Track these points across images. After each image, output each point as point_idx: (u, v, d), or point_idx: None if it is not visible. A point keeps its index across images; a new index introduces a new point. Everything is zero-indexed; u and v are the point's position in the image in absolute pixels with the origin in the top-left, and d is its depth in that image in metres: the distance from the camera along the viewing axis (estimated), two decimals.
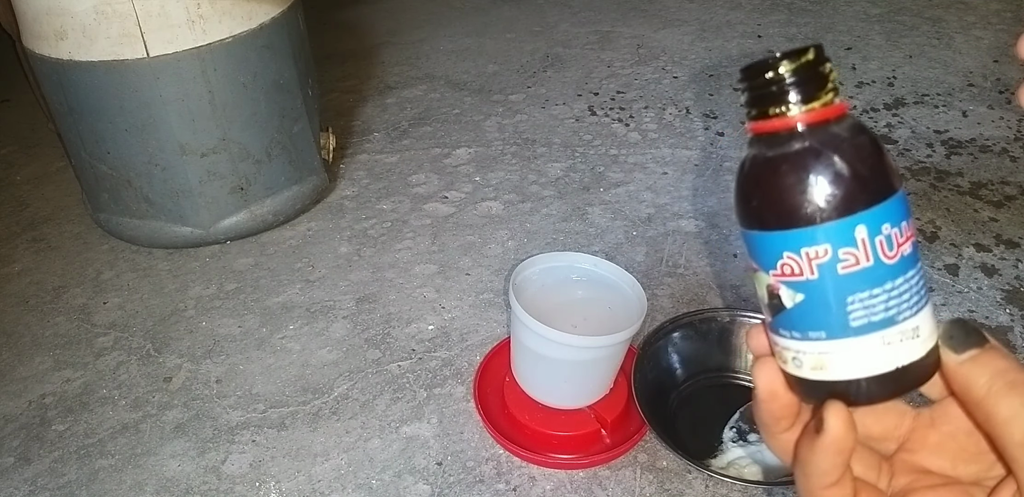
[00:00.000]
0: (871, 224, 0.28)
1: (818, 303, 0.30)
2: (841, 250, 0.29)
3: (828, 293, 0.29)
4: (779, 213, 0.29)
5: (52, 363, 0.98)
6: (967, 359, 0.29)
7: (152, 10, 0.97)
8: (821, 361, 0.31)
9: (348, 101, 1.59)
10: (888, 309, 0.29)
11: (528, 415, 0.81)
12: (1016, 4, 1.87)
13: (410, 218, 1.21)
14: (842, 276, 0.29)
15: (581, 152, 1.37)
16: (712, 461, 0.77)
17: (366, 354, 0.96)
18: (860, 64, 1.63)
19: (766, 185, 0.30)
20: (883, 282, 0.29)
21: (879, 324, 0.29)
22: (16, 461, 0.85)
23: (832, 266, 0.29)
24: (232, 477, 0.81)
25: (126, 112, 1.03)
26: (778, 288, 0.30)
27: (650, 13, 1.97)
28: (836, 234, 0.29)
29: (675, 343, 0.87)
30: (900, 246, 0.29)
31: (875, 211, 0.28)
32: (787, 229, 0.29)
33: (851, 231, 0.28)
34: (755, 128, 0.30)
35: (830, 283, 0.29)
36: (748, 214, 0.30)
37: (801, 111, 0.29)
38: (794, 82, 0.29)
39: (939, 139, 1.35)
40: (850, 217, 0.28)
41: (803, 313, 0.30)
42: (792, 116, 0.29)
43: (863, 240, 0.28)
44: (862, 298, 0.29)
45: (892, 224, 0.29)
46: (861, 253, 0.29)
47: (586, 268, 0.80)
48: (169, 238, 1.16)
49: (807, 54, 0.29)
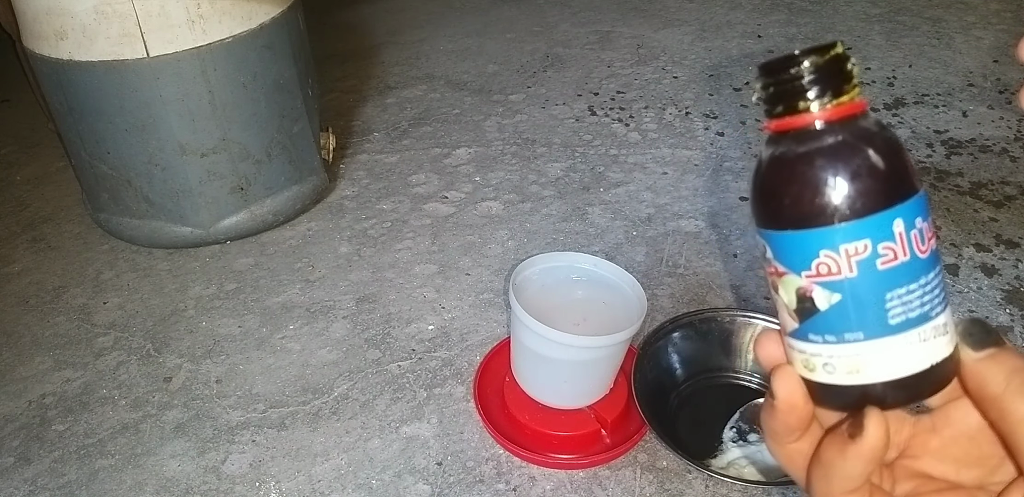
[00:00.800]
0: (907, 217, 0.28)
1: (856, 302, 0.29)
2: (881, 245, 0.28)
3: (867, 291, 0.29)
4: (815, 210, 0.28)
5: (52, 363, 0.98)
6: (985, 356, 0.28)
7: (152, 10, 0.97)
8: (857, 364, 0.30)
9: (348, 101, 1.59)
10: (923, 304, 0.29)
11: (528, 415, 0.81)
12: (1016, 4, 1.87)
13: (410, 218, 1.21)
14: (881, 272, 0.28)
15: (581, 152, 1.37)
16: (712, 461, 0.77)
17: (366, 354, 0.96)
18: (860, 64, 1.63)
19: (799, 182, 0.29)
20: (919, 277, 0.29)
21: (916, 320, 0.29)
22: (16, 461, 0.85)
23: (872, 262, 0.28)
24: (232, 477, 0.81)
25: (126, 112, 1.03)
26: (811, 290, 0.29)
27: (650, 13, 1.97)
28: (876, 228, 0.28)
29: (675, 343, 0.87)
30: (930, 240, 0.29)
31: (909, 204, 0.28)
32: (824, 226, 0.28)
33: (890, 225, 0.28)
34: (781, 125, 0.29)
35: (870, 280, 0.28)
36: (777, 214, 0.30)
37: (833, 105, 0.28)
38: (825, 76, 0.28)
39: (939, 139, 1.35)
40: (888, 210, 0.28)
41: (839, 314, 0.29)
42: (824, 110, 0.28)
43: (900, 234, 0.28)
44: (900, 294, 0.28)
45: (923, 218, 0.28)
46: (899, 247, 0.28)
47: (586, 268, 0.80)
48: (169, 238, 1.16)
49: (835, 48, 0.28)
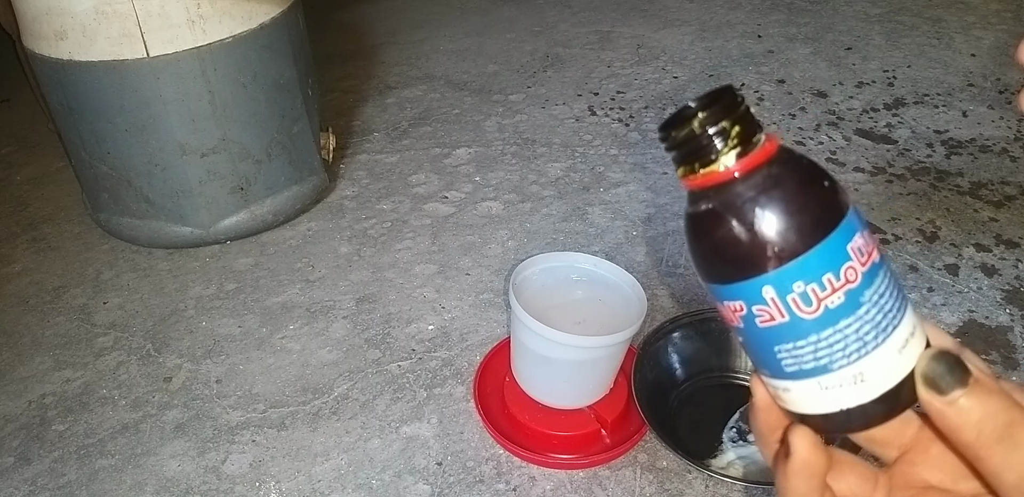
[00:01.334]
0: (778, 285, 0.28)
1: (753, 348, 0.30)
2: (754, 307, 0.29)
3: (756, 341, 0.30)
4: (701, 268, 0.30)
5: (52, 363, 0.98)
6: (952, 400, 0.27)
7: (152, 10, 0.97)
8: (778, 394, 0.31)
9: (348, 101, 1.59)
10: (818, 359, 0.29)
11: (528, 415, 0.81)
12: (1016, 4, 1.87)
13: (410, 218, 1.21)
14: (762, 328, 0.29)
15: (581, 152, 1.37)
16: (712, 461, 0.77)
17: (366, 354, 0.96)
18: (860, 64, 1.63)
19: (689, 241, 0.30)
20: (805, 335, 0.29)
21: (812, 371, 0.29)
22: (16, 461, 0.85)
23: (751, 320, 0.29)
24: (232, 477, 0.81)
25: (126, 112, 1.03)
26: (732, 328, 0.31)
27: (650, 13, 1.97)
28: (746, 293, 0.29)
29: (675, 343, 0.87)
30: (822, 300, 0.28)
31: (783, 272, 0.28)
32: (709, 283, 0.30)
33: (758, 291, 0.29)
34: (683, 178, 0.30)
35: (755, 333, 0.30)
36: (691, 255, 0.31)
37: (698, 175, 0.29)
38: (684, 147, 0.29)
39: (939, 139, 1.35)
40: (756, 279, 0.28)
41: (749, 353, 0.31)
42: (689, 178, 0.29)
43: (772, 299, 0.29)
44: (787, 348, 0.29)
45: (808, 280, 0.28)
46: (774, 310, 0.29)
47: (586, 268, 0.80)
48: (169, 238, 1.16)
49: (686, 122, 0.29)
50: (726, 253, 0.29)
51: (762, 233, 0.28)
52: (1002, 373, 0.87)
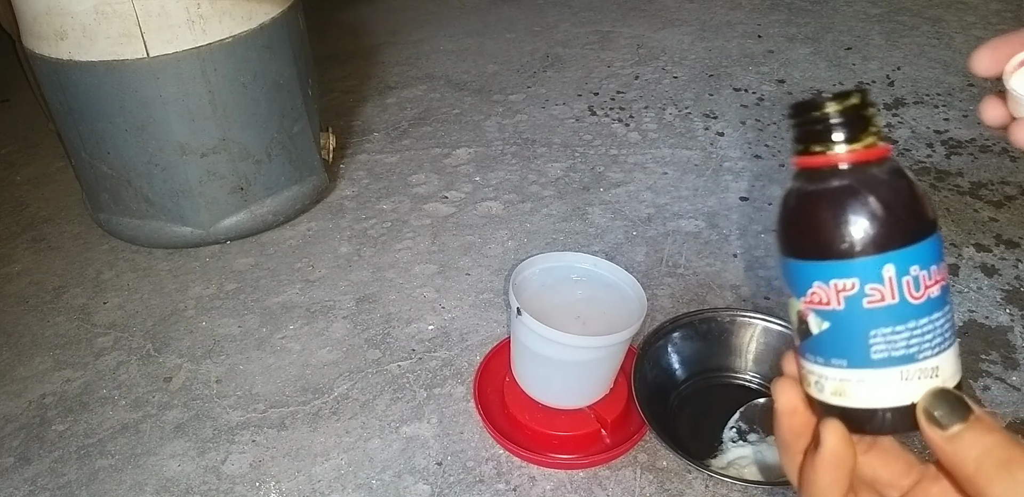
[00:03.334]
0: (900, 264, 0.30)
1: (842, 333, 0.31)
2: (868, 285, 0.30)
3: (852, 324, 0.30)
4: (813, 244, 0.30)
5: (52, 363, 0.98)
6: (954, 435, 0.28)
7: (152, 10, 0.97)
8: (841, 388, 0.32)
9: (348, 101, 1.59)
10: (909, 346, 0.30)
11: (528, 415, 0.81)
12: (1016, 4, 1.87)
13: (410, 218, 1.21)
14: (867, 310, 0.30)
15: (581, 152, 1.37)
16: (712, 461, 0.77)
17: (366, 354, 0.96)
18: (860, 64, 1.63)
19: (803, 217, 0.31)
20: (906, 320, 0.30)
21: (899, 359, 0.30)
22: (16, 461, 0.85)
23: (858, 300, 0.30)
24: (232, 477, 0.81)
25: (126, 112, 1.03)
26: (807, 314, 0.32)
27: (650, 13, 1.97)
28: (864, 270, 0.30)
29: (675, 343, 0.87)
30: (928, 288, 0.30)
31: (905, 252, 0.30)
32: (819, 260, 0.30)
33: (879, 269, 0.30)
34: (799, 163, 0.31)
35: (855, 315, 0.30)
36: (785, 242, 0.32)
37: (844, 151, 0.30)
38: (839, 122, 0.30)
39: (939, 139, 1.35)
40: (879, 255, 0.29)
41: (828, 340, 0.31)
42: (834, 154, 0.30)
43: (890, 278, 0.30)
44: (884, 333, 0.30)
45: (921, 266, 0.30)
46: (887, 290, 0.30)
47: (586, 268, 0.80)
48: (169, 238, 1.16)
49: (853, 97, 0.30)
50: (857, 227, 0.29)
51: (898, 212, 0.29)
52: (1002, 373, 0.87)
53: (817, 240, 0.30)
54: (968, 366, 0.88)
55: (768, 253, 1.08)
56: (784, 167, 1.29)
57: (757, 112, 1.47)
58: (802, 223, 0.31)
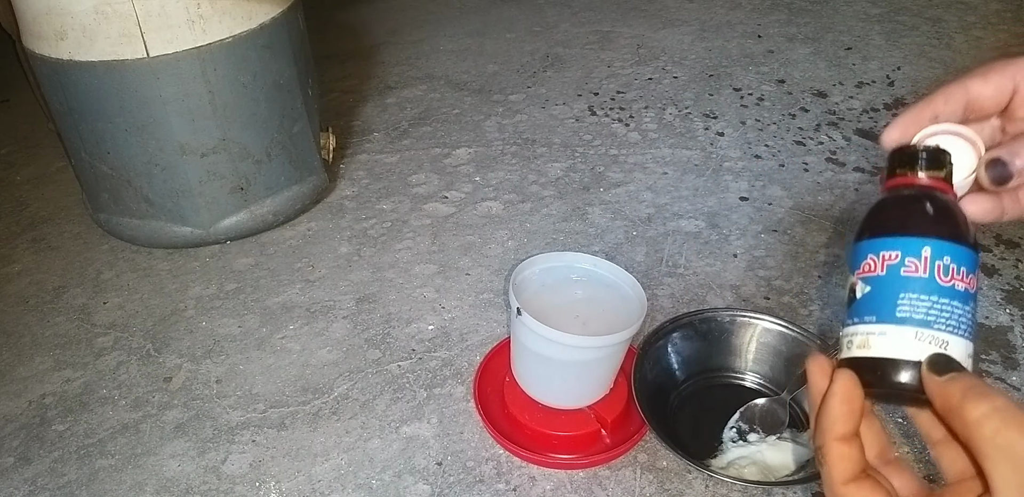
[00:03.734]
0: (936, 249, 0.39)
1: (878, 293, 0.39)
2: (908, 258, 0.39)
3: (887, 287, 0.39)
4: (877, 224, 0.41)
5: (52, 363, 0.98)
6: (946, 379, 0.35)
7: (152, 10, 0.97)
8: (866, 340, 0.39)
9: (348, 101, 1.59)
10: (928, 314, 0.38)
11: (528, 415, 0.81)
12: (1016, 4, 1.87)
13: (410, 218, 1.21)
14: (902, 276, 0.39)
15: (581, 152, 1.37)
16: (712, 461, 0.77)
17: (366, 354, 0.96)
18: (860, 64, 1.63)
19: (876, 208, 0.42)
20: (931, 293, 0.38)
21: (917, 321, 0.38)
22: (16, 461, 0.85)
23: (897, 268, 0.39)
24: (232, 477, 0.81)
25: (126, 112, 1.03)
26: (856, 284, 0.41)
27: (650, 13, 1.97)
28: (907, 246, 0.39)
29: (675, 343, 0.87)
30: (954, 279, 0.38)
31: (942, 243, 0.39)
32: (877, 237, 0.40)
33: (919, 248, 0.39)
34: (890, 181, 0.42)
35: (891, 279, 0.39)
36: (860, 229, 0.42)
37: (923, 175, 0.41)
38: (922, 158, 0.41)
39: None
40: (921, 237, 0.39)
41: (866, 301, 0.40)
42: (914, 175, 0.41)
43: (926, 257, 0.39)
44: (911, 297, 0.38)
45: (953, 260, 0.38)
46: (921, 265, 0.38)
47: (586, 268, 0.80)
48: (169, 238, 1.16)
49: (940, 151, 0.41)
50: (913, 216, 0.40)
51: (945, 217, 0.40)
52: (1002, 373, 0.87)
53: (881, 221, 0.41)
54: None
55: (768, 253, 1.08)
56: (784, 167, 1.29)
57: (757, 112, 1.47)
58: (874, 212, 0.42)
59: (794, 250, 1.09)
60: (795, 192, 1.22)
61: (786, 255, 1.08)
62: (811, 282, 1.02)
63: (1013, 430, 0.32)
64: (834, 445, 0.38)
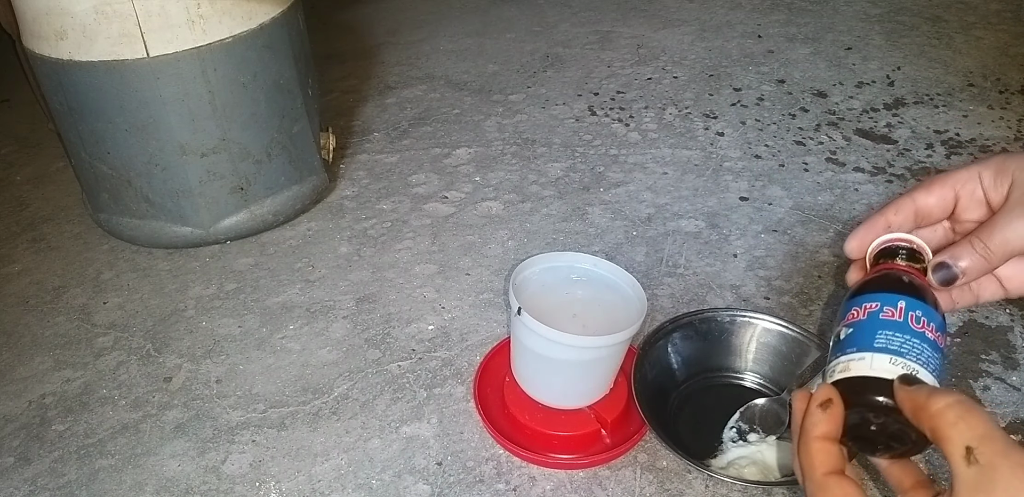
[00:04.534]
0: (909, 304, 0.47)
1: (860, 332, 0.47)
2: (886, 306, 0.47)
3: (868, 327, 0.46)
4: (862, 288, 0.50)
5: (52, 363, 0.98)
6: (915, 388, 0.41)
7: (152, 10, 0.97)
8: (847, 365, 0.46)
9: (348, 101, 1.59)
10: (901, 346, 0.44)
11: (528, 415, 0.81)
12: (1016, 4, 1.87)
13: (410, 218, 1.21)
14: (881, 319, 0.46)
15: (581, 152, 1.37)
16: (712, 461, 0.77)
17: (366, 354, 0.96)
18: (860, 64, 1.63)
19: (864, 282, 0.51)
20: (904, 332, 0.45)
21: (892, 351, 0.44)
22: (16, 461, 0.85)
23: (876, 313, 0.47)
24: (232, 477, 0.81)
25: (126, 112, 1.03)
26: (841, 330, 0.48)
27: (650, 13, 1.97)
28: (886, 299, 0.47)
29: (675, 343, 0.87)
30: (925, 328, 0.46)
31: (915, 300, 0.47)
32: (863, 293, 0.49)
33: (896, 300, 0.47)
34: (874, 269, 0.52)
35: (871, 322, 0.46)
36: (852, 290, 0.50)
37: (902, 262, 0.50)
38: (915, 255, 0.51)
39: (939, 139, 1.35)
40: (898, 294, 0.47)
41: (848, 339, 0.47)
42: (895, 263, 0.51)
43: (901, 307, 0.46)
44: (887, 333, 0.45)
45: (924, 314, 0.46)
46: (897, 312, 0.46)
47: (586, 268, 0.80)
48: (169, 238, 1.16)
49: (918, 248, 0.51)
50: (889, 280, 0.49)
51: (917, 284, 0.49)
52: (1002, 373, 0.87)
53: (864, 285, 0.50)
54: (968, 366, 0.88)
55: (768, 253, 1.08)
56: (784, 167, 1.29)
57: (757, 112, 1.47)
58: (859, 284, 0.51)
59: (794, 250, 1.09)
60: (795, 192, 1.22)
61: (786, 255, 1.08)
62: (811, 282, 1.02)
63: (974, 416, 0.37)
64: (815, 441, 0.43)
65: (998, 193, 0.48)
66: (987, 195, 0.49)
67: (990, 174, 0.49)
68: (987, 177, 0.49)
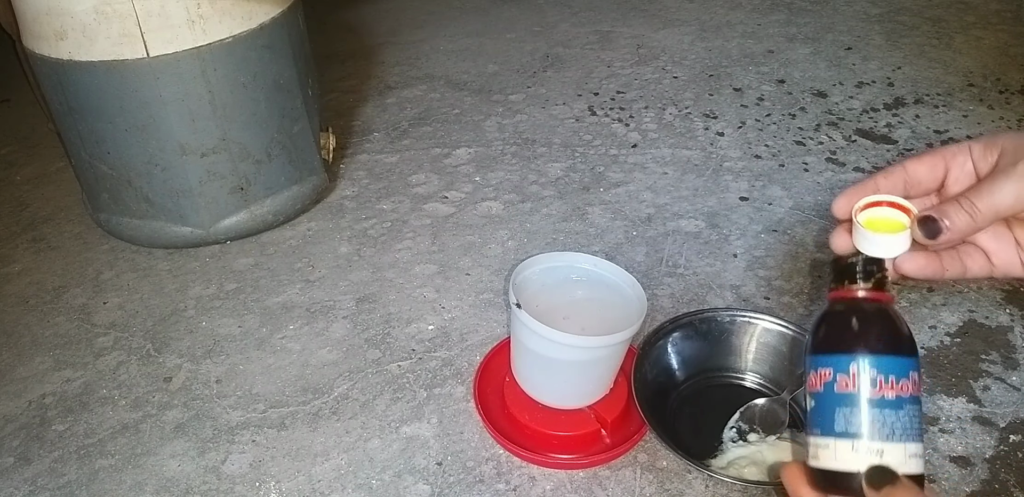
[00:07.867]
0: (862, 365, 0.43)
1: (819, 408, 0.45)
2: (838, 374, 0.44)
3: (825, 402, 0.44)
4: (818, 343, 0.46)
5: (52, 363, 0.98)
6: (883, 494, 0.41)
7: (152, 10, 0.97)
8: (816, 452, 0.45)
9: (348, 101, 1.59)
10: (860, 427, 0.43)
11: (528, 415, 0.81)
12: (1016, 4, 1.87)
13: (410, 218, 1.21)
14: (836, 394, 0.44)
15: (581, 152, 1.37)
16: (712, 461, 0.77)
17: (366, 354, 0.96)
18: (860, 64, 1.63)
19: (818, 327, 0.47)
20: (860, 406, 0.43)
21: (851, 435, 0.43)
22: (16, 461, 0.85)
23: (831, 385, 0.44)
24: (232, 477, 0.81)
25: (126, 112, 1.03)
26: (807, 396, 0.47)
27: (650, 13, 1.97)
28: (838, 363, 0.44)
29: (675, 343, 0.87)
30: (883, 390, 0.43)
31: (868, 357, 0.43)
32: (814, 354, 0.46)
33: (847, 364, 0.44)
34: (831, 293, 0.48)
35: (828, 396, 0.44)
36: (806, 343, 0.48)
37: (856, 286, 0.47)
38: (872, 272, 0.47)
39: (939, 139, 1.35)
40: (849, 354, 0.44)
41: (813, 414, 0.46)
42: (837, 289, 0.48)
43: (854, 373, 0.43)
44: (844, 412, 0.43)
45: (880, 371, 0.43)
46: (851, 381, 0.43)
47: (586, 268, 0.80)
48: (169, 238, 1.16)
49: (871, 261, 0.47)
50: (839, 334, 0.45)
51: (886, 324, 0.45)
52: (1002, 373, 0.87)
53: (818, 338, 0.46)
54: (968, 366, 0.88)
55: (768, 253, 1.08)
56: (784, 167, 1.29)
57: (757, 112, 1.47)
58: (815, 327, 0.47)
59: (794, 250, 1.09)
60: (795, 192, 1.22)
61: (786, 255, 1.08)
62: (811, 282, 1.02)
63: None
64: None
65: (987, 163, 0.49)
66: (976, 166, 0.50)
67: (980, 147, 0.50)
68: (977, 149, 0.50)
